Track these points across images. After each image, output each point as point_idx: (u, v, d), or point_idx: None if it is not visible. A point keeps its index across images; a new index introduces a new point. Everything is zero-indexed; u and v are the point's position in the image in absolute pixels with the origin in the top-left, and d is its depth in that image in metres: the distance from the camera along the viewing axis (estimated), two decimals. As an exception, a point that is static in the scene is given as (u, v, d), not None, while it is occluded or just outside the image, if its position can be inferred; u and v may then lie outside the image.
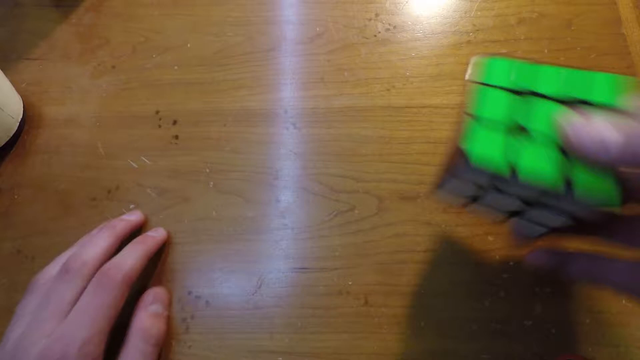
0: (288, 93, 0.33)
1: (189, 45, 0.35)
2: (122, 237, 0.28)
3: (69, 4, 0.38)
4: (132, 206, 0.30)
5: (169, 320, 0.27)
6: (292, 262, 0.28)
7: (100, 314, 0.23)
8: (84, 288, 0.24)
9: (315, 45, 0.35)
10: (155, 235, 0.29)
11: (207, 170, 0.31)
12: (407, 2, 0.36)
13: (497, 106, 0.18)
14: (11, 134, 0.32)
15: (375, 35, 0.35)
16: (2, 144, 0.32)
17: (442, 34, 0.34)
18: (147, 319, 0.25)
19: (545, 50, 0.33)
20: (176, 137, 0.32)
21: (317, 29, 0.35)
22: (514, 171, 0.16)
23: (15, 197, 0.31)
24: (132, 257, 0.26)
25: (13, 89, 0.33)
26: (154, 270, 0.29)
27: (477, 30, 0.34)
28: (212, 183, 0.31)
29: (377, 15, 0.35)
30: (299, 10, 0.36)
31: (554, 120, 0.16)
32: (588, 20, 0.34)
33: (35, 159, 0.33)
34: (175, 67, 0.35)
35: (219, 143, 0.32)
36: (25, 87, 0.35)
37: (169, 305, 0.28)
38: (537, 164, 0.16)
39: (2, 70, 0.32)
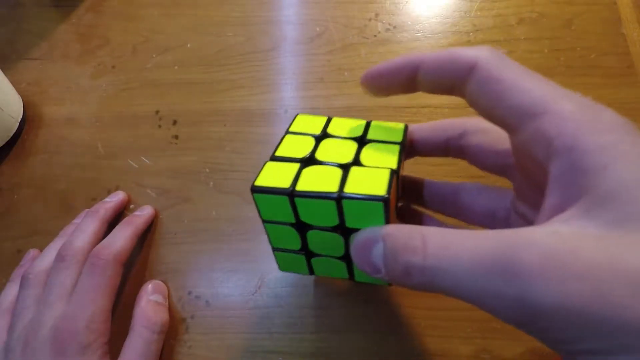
0: (288, 93, 0.33)
1: (189, 45, 0.35)
2: (108, 219, 0.28)
3: (69, 4, 0.38)
4: (132, 206, 0.30)
5: (168, 320, 0.27)
6: (292, 262, 0.28)
7: (100, 294, 0.24)
8: (81, 273, 0.25)
9: (315, 45, 0.35)
10: (142, 214, 0.29)
11: (207, 170, 0.31)
12: (407, 2, 0.36)
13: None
14: (11, 134, 0.32)
15: (375, 35, 0.35)
16: (2, 144, 0.32)
17: (442, 34, 0.34)
18: (149, 307, 0.26)
19: (545, 50, 0.33)
20: (176, 137, 0.32)
21: (317, 29, 0.35)
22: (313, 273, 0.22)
23: (15, 197, 0.31)
24: (122, 237, 0.27)
25: (13, 89, 0.33)
26: (154, 269, 0.29)
27: (477, 30, 0.34)
28: (212, 183, 0.31)
29: (377, 15, 0.35)
30: (299, 10, 0.36)
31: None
32: (588, 20, 0.34)
33: (35, 159, 0.33)
34: (175, 67, 0.35)
35: (219, 143, 0.32)
36: (25, 87, 0.35)
37: (168, 297, 0.28)
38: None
39: (2, 70, 0.32)
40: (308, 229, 0.19)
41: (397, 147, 0.19)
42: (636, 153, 0.13)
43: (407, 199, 0.24)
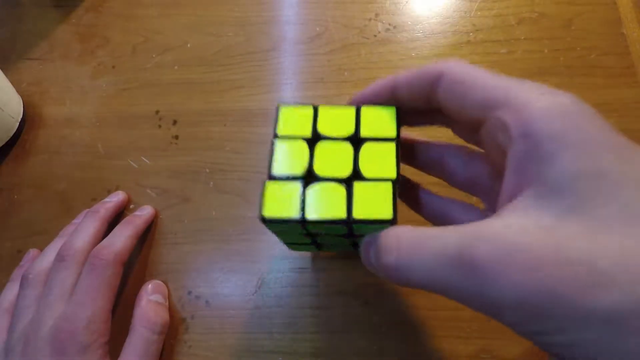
0: (288, 93, 0.33)
1: (189, 45, 0.35)
2: (108, 219, 0.28)
3: (69, 4, 0.38)
4: (132, 206, 0.30)
5: (168, 320, 0.27)
6: (292, 262, 0.28)
7: (100, 294, 0.24)
8: (81, 273, 0.25)
9: (315, 45, 0.35)
10: (142, 214, 0.29)
11: (207, 170, 0.31)
12: (407, 2, 0.36)
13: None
14: (11, 134, 0.32)
15: (375, 35, 0.35)
16: (2, 144, 0.32)
17: (442, 34, 0.34)
18: (149, 307, 0.26)
19: (545, 50, 0.33)
20: (176, 137, 0.32)
21: (317, 29, 0.35)
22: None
23: (15, 197, 0.31)
24: (122, 237, 0.27)
25: (13, 89, 0.33)
26: (154, 269, 0.29)
27: (477, 30, 0.34)
28: (212, 183, 0.31)
29: (377, 15, 0.35)
30: (299, 10, 0.36)
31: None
32: (588, 20, 0.34)
33: (35, 159, 0.33)
34: (175, 67, 0.35)
35: (219, 143, 0.32)
36: (25, 87, 0.35)
37: (168, 297, 0.28)
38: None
39: (2, 70, 0.32)
40: (318, 235, 0.20)
41: (393, 147, 0.18)
42: (583, 140, 0.13)
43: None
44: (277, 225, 0.18)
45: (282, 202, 0.18)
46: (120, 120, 0.33)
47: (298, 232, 0.19)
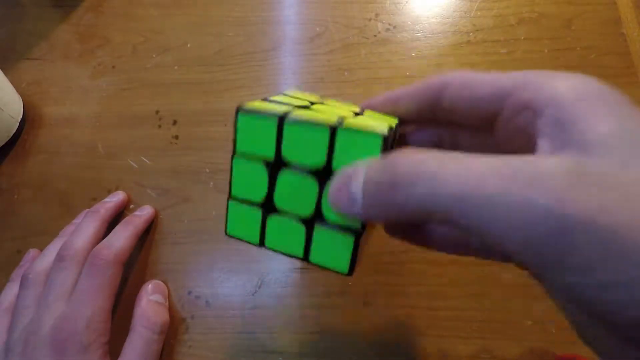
0: (288, 93, 0.33)
1: (189, 45, 0.35)
2: (108, 219, 0.28)
3: (69, 4, 0.38)
4: (132, 206, 0.30)
5: (169, 320, 0.27)
6: (292, 262, 0.28)
7: (100, 294, 0.24)
8: (81, 273, 0.25)
9: (315, 45, 0.35)
10: (141, 214, 0.29)
11: (207, 170, 0.31)
12: (407, 2, 0.36)
13: (251, 184, 0.17)
14: (11, 134, 0.32)
15: (375, 35, 0.35)
16: (2, 144, 0.32)
17: (442, 34, 0.34)
18: (149, 307, 0.26)
19: (545, 50, 0.33)
20: (176, 137, 0.32)
21: (317, 29, 0.35)
22: (263, 242, 0.17)
23: (15, 197, 0.31)
24: (122, 237, 0.27)
25: (13, 89, 0.33)
26: (154, 269, 0.29)
27: (477, 30, 0.34)
28: (212, 183, 0.31)
29: (377, 15, 0.35)
30: (299, 10, 0.36)
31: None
32: (588, 20, 0.34)
33: (35, 159, 0.33)
34: (175, 67, 0.35)
35: (219, 143, 0.32)
36: (25, 87, 0.35)
37: (168, 297, 0.28)
38: (281, 239, 0.17)
39: (2, 70, 0.32)
40: (282, 170, 0.16)
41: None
42: (606, 102, 0.14)
43: None
44: (250, 125, 0.16)
45: (268, 105, 0.16)
46: (120, 120, 0.33)
47: (266, 151, 0.16)
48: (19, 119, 0.33)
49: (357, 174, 0.14)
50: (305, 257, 0.16)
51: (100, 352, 0.23)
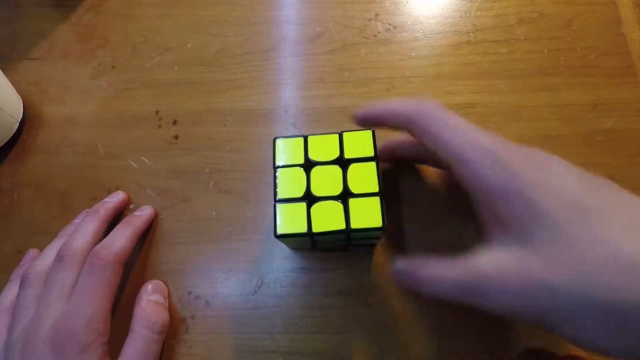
0: (288, 93, 0.33)
1: (189, 45, 0.35)
2: (107, 219, 0.28)
3: (69, 4, 0.38)
4: (132, 206, 0.30)
5: (169, 320, 0.27)
6: (292, 262, 0.28)
7: (100, 294, 0.24)
8: (81, 273, 0.25)
9: (315, 45, 0.35)
10: (141, 214, 0.29)
11: (207, 170, 0.31)
12: (407, 2, 0.36)
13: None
14: (11, 134, 0.32)
15: (375, 35, 0.35)
16: (2, 144, 0.32)
17: (442, 34, 0.34)
18: (149, 307, 0.26)
19: (545, 50, 0.33)
20: (176, 137, 0.32)
21: (317, 29, 0.35)
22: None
23: (15, 197, 0.32)
24: (121, 237, 0.27)
25: (13, 89, 0.33)
26: (154, 269, 0.29)
27: (477, 30, 0.34)
28: (212, 183, 0.31)
29: (377, 15, 0.35)
30: (299, 10, 0.36)
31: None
32: (588, 20, 0.34)
33: (35, 159, 0.33)
34: (175, 67, 0.35)
35: (219, 143, 0.32)
36: (25, 87, 0.35)
37: (168, 297, 0.28)
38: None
39: (2, 70, 0.32)
40: (321, 241, 0.24)
41: (373, 165, 0.22)
42: (517, 186, 0.18)
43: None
44: (289, 239, 0.22)
45: (291, 219, 0.22)
46: (120, 120, 0.33)
47: (304, 239, 0.23)
48: (19, 119, 0.33)
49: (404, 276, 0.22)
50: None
51: (100, 352, 0.23)
